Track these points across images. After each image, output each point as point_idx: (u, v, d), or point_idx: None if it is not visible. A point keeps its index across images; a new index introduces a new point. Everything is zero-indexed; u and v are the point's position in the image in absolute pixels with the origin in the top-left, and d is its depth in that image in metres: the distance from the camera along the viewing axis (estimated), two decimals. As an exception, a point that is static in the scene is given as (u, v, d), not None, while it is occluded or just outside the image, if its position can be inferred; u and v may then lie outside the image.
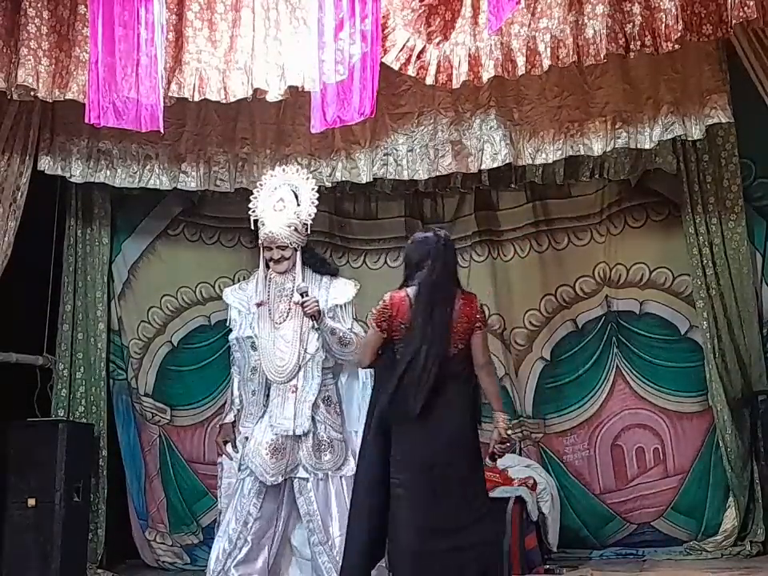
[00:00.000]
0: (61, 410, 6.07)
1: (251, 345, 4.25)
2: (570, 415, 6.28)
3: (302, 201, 4.29)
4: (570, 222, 6.57)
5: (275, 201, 4.27)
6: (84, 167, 5.70)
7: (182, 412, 6.52)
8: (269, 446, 4.09)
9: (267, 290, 4.27)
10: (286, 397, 4.15)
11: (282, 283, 4.27)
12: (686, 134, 5.20)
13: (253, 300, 4.29)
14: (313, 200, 4.31)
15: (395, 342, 3.72)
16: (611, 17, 4.54)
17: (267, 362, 4.17)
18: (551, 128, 5.34)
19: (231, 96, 5.01)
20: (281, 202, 4.27)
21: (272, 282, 4.29)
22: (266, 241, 4.23)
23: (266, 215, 4.25)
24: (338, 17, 4.71)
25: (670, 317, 6.22)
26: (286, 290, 4.25)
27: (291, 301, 4.21)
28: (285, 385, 4.15)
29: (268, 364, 4.17)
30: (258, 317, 4.25)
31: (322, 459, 4.14)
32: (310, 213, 4.28)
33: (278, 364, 4.16)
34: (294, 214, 4.25)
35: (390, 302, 3.74)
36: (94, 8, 4.77)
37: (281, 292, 4.26)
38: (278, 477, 4.11)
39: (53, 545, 5.29)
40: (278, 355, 4.17)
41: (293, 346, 4.17)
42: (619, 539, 6.13)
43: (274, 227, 4.21)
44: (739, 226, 5.87)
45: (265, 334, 4.22)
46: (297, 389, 4.15)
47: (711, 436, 5.96)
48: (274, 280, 4.29)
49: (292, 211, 4.25)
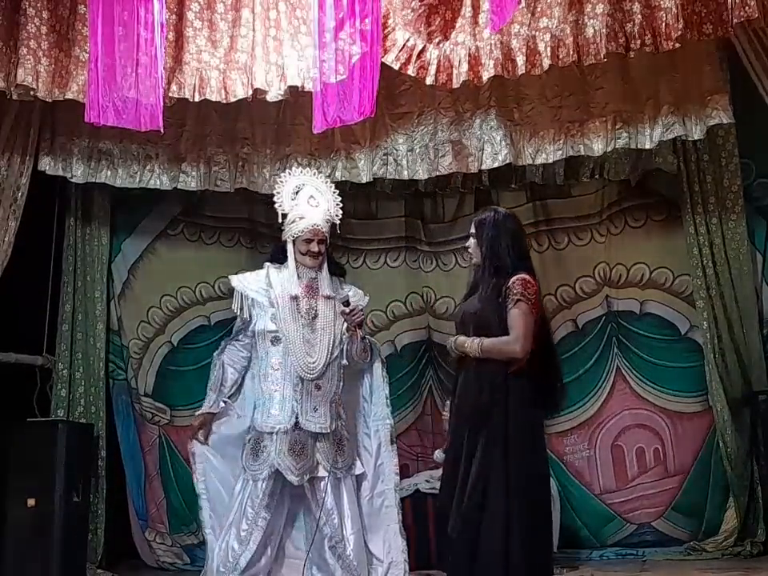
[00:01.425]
0: (60, 410, 6.05)
1: (272, 339, 4.20)
2: (571, 415, 6.27)
3: (329, 202, 4.33)
4: (570, 221, 6.58)
5: (308, 197, 4.29)
6: (85, 167, 5.70)
7: (181, 412, 6.49)
8: (293, 445, 4.08)
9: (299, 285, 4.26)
10: (312, 394, 4.13)
11: (309, 277, 4.26)
12: (687, 134, 5.20)
13: (279, 293, 4.22)
14: (337, 202, 4.36)
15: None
16: (611, 16, 4.54)
17: (297, 358, 4.12)
18: (551, 128, 5.34)
19: (231, 96, 5.01)
20: (313, 199, 4.29)
21: (301, 276, 4.28)
22: (310, 233, 4.22)
23: (303, 209, 4.25)
24: (338, 16, 4.70)
25: (670, 317, 6.23)
26: (314, 285, 4.25)
27: (319, 295, 4.22)
28: (311, 383, 4.13)
29: (298, 361, 4.12)
30: (285, 311, 4.20)
31: (338, 459, 4.15)
32: (338, 214, 4.34)
33: (309, 361, 4.13)
34: (328, 211, 4.30)
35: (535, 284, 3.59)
36: (94, 8, 4.76)
37: (308, 286, 4.25)
38: (303, 476, 4.09)
39: (53, 545, 5.28)
40: (308, 352, 4.14)
41: (322, 344, 4.16)
42: (619, 539, 6.13)
43: (317, 219, 4.23)
44: (739, 226, 5.88)
45: (293, 329, 4.16)
46: (320, 387, 4.14)
47: (711, 436, 5.96)
48: (302, 274, 4.28)
49: (326, 208, 4.30)
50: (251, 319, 4.29)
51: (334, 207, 4.33)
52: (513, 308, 3.48)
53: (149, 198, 6.37)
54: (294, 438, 4.09)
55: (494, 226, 3.66)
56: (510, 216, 3.78)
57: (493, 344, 3.51)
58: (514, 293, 3.49)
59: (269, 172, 5.74)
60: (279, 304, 4.21)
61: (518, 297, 3.48)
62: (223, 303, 6.32)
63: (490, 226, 3.66)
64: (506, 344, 3.49)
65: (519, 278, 3.51)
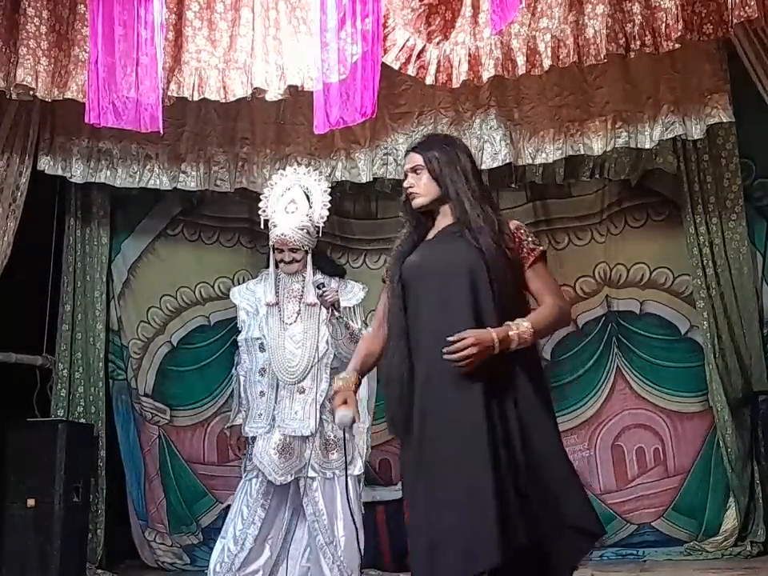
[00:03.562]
0: (60, 410, 6.05)
1: (259, 346, 4.23)
2: (571, 415, 6.26)
3: (315, 203, 4.25)
4: (570, 221, 6.57)
5: (287, 202, 4.23)
6: (84, 167, 5.69)
7: (181, 412, 6.51)
8: (277, 446, 4.08)
9: (277, 291, 4.26)
10: (294, 398, 4.14)
11: (292, 284, 4.25)
12: (687, 133, 5.20)
13: (262, 301, 4.26)
14: (325, 203, 4.27)
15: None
16: (611, 16, 4.53)
17: (277, 362, 4.15)
18: (551, 128, 5.34)
19: (231, 95, 5.00)
20: (293, 204, 4.22)
21: (282, 282, 4.28)
22: (278, 243, 4.18)
23: (277, 217, 4.20)
24: (338, 16, 4.70)
25: (670, 317, 6.22)
26: (296, 291, 4.24)
27: (301, 302, 4.20)
28: (293, 386, 4.14)
29: (278, 365, 4.15)
30: (267, 317, 4.23)
31: (330, 458, 4.13)
32: (322, 215, 4.25)
33: (289, 365, 4.15)
34: (306, 217, 4.20)
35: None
36: (94, 7, 4.76)
37: (290, 293, 4.25)
38: (287, 476, 4.09)
39: (52, 545, 5.27)
40: (288, 356, 4.16)
41: (303, 347, 4.16)
42: (619, 539, 6.11)
43: (286, 229, 4.15)
44: (739, 226, 5.87)
45: (274, 334, 4.19)
46: (304, 390, 4.14)
47: (711, 436, 5.95)
48: (283, 281, 4.27)
49: (304, 213, 4.20)
50: (247, 329, 4.32)
51: (320, 209, 4.24)
52: (539, 262, 2.67)
53: (148, 198, 6.37)
54: (279, 438, 4.10)
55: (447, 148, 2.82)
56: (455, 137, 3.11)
57: (547, 318, 2.61)
58: (531, 241, 2.69)
59: (269, 172, 5.72)
60: (262, 311, 4.24)
61: (540, 247, 2.70)
62: (223, 303, 6.32)
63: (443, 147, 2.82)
64: (562, 312, 2.64)
65: (519, 224, 2.76)
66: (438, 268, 2.68)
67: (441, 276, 2.65)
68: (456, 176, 2.75)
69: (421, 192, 2.78)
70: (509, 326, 2.53)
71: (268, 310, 4.23)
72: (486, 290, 2.59)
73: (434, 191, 2.77)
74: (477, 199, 2.71)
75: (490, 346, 2.49)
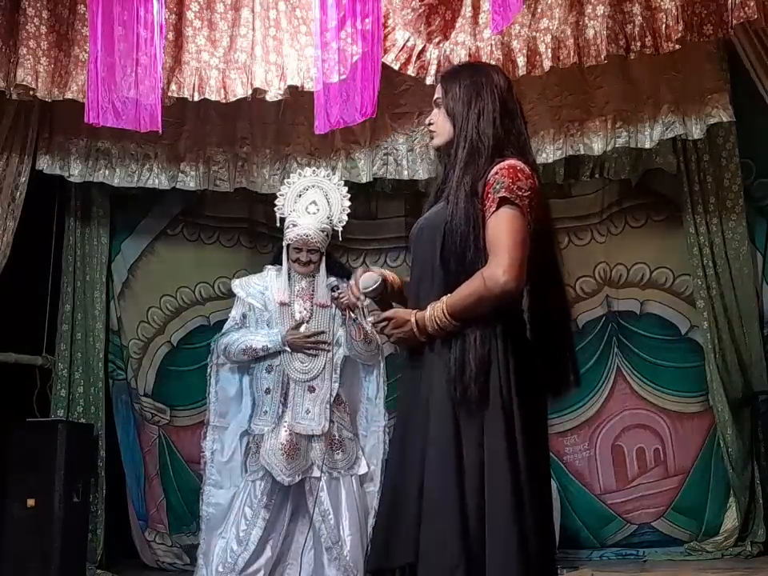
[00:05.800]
0: (60, 410, 6.05)
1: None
2: (571, 415, 6.26)
3: (334, 207, 4.28)
4: (570, 221, 6.55)
5: (308, 203, 4.25)
6: (83, 167, 5.68)
7: (181, 412, 6.51)
8: (284, 446, 4.09)
9: (290, 290, 4.26)
10: (304, 396, 4.15)
11: (302, 283, 4.26)
12: (687, 133, 5.20)
13: (273, 298, 4.26)
14: (345, 207, 4.29)
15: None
16: (612, 17, 4.53)
17: (288, 361, 4.17)
18: (551, 128, 5.33)
19: (231, 96, 4.99)
20: (314, 205, 4.24)
21: (292, 281, 4.28)
22: (299, 242, 4.19)
23: (298, 216, 4.22)
24: (338, 16, 4.70)
25: (670, 317, 6.22)
26: (306, 291, 4.25)
27: (312, 301, 4.22)
28: (303, 384, 4.16)
29: (289, 364, 4.17)
30: (278, 316, 4.24)
31: (335, 458, 4.15)
32: (341, 220, 4.28)
33: (300, 364, 4.16)
34: (327, 219, 4.24)
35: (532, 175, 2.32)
36: (94, 7, 4.74)
37: (300, 292, 4.25)
38: (295, 477, 4.10)
39: (52, 545, 5.26)
40: (300, 355, 4.17)
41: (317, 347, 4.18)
42: (619, 539, 6.12)
43: (309, 230, 4.18)
44: (740, 226, 5.87)
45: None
46: (314, 388, 4.15)
47: (712, 436, 5.96)
48: (294, 279, 4.28)
49: (325, 215, 4.24)
50: (246, 324, 4.31)
51: (339, 212, 4.28)
52: (494, 213, 2.23)
53: (148, 198, 6.37)
54: (286, 438, 4.10)
55: (472, 83, 2.44)
56: (496, 70, 2.58)
57: (463, 292, 2.21)
58: (497, 188, 2.23)
59: (268, 172, 5.74)
60: (273, 308, 4.24)
61: (502, 193, 2.22)
62: (223, 303, 6.31)
63: (468, 82, 2.45)
64: (486, 280, 2.18)
65: (507, 164, 2.28)
66: (421, 234, 2.43)
67: (421, 242, 2.42)
68: (469, 116, 2.39)
69: (437, 130, 2.52)
70: (432, 305, 2.27)
71: (281, 309, 4.23)
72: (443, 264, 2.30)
73: (448, 131, 2.47)
74: (476, 149, 2.33)
75: (409, 327, 2.30)
